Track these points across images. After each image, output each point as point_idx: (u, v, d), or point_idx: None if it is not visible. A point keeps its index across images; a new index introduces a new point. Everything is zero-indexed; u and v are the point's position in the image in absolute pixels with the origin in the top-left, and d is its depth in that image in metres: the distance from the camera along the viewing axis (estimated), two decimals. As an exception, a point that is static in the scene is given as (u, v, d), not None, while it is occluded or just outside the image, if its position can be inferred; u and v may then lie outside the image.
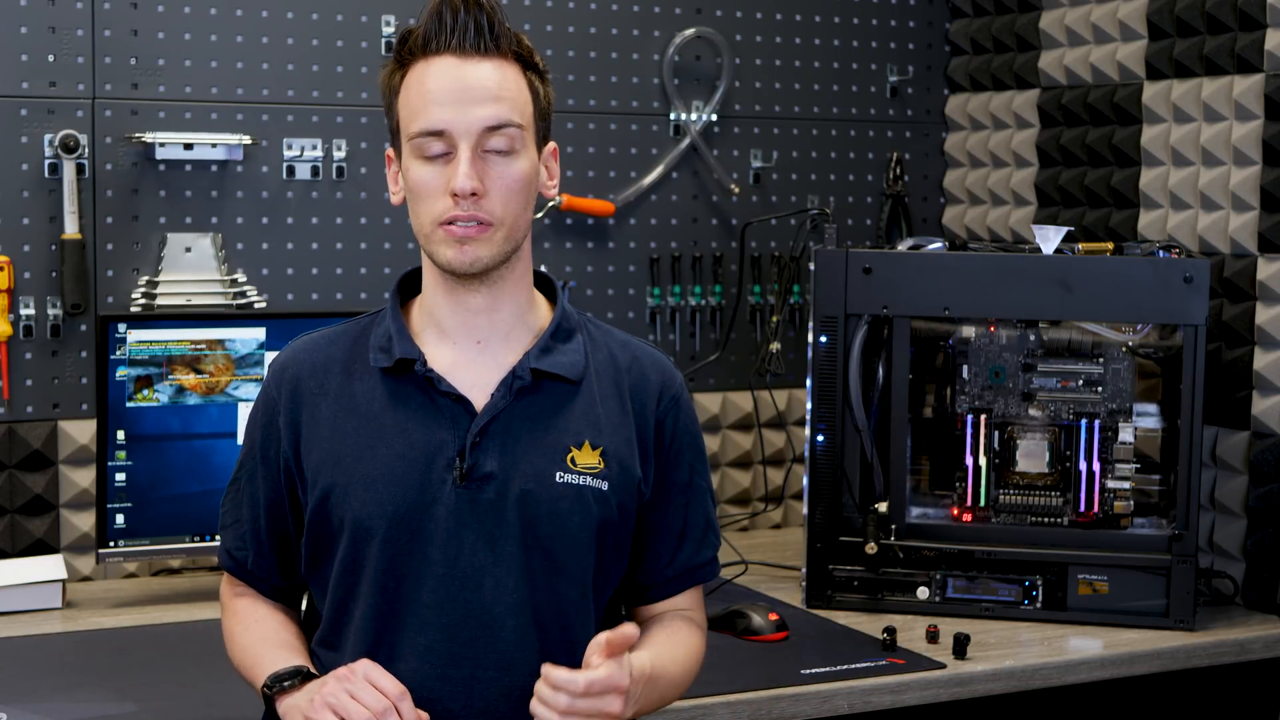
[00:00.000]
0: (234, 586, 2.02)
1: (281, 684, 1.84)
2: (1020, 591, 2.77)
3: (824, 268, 2.82)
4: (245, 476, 1.98)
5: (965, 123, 3.61)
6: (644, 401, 1.96)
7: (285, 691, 1.83)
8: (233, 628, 1.99)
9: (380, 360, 1.90)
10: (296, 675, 1.84)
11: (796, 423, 3.48)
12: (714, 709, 2.30)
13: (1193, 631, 2.70)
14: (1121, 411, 2.80)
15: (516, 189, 1.86)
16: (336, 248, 3.13)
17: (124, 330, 2.76)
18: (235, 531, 1.99)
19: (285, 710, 1.82)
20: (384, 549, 1.86)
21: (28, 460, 2.89)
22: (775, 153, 3.50)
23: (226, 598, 2.03)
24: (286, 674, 1.85)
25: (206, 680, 2.30)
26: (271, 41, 3.06)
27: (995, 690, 2.50)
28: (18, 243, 2.89)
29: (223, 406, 2.82)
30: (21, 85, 2.88)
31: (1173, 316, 2.72)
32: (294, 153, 3.08)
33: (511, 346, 1.92)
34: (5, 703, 2.22)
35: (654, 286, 3.41)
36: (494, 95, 1.84)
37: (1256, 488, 2.87)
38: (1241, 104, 2.90)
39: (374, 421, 1.89)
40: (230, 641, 1.99)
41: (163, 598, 2.83)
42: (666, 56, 3.38)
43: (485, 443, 1.87)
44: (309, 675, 1.85)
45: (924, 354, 2.88)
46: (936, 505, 2.87)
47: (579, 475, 1.89)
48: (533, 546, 1.87)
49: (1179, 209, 3.05)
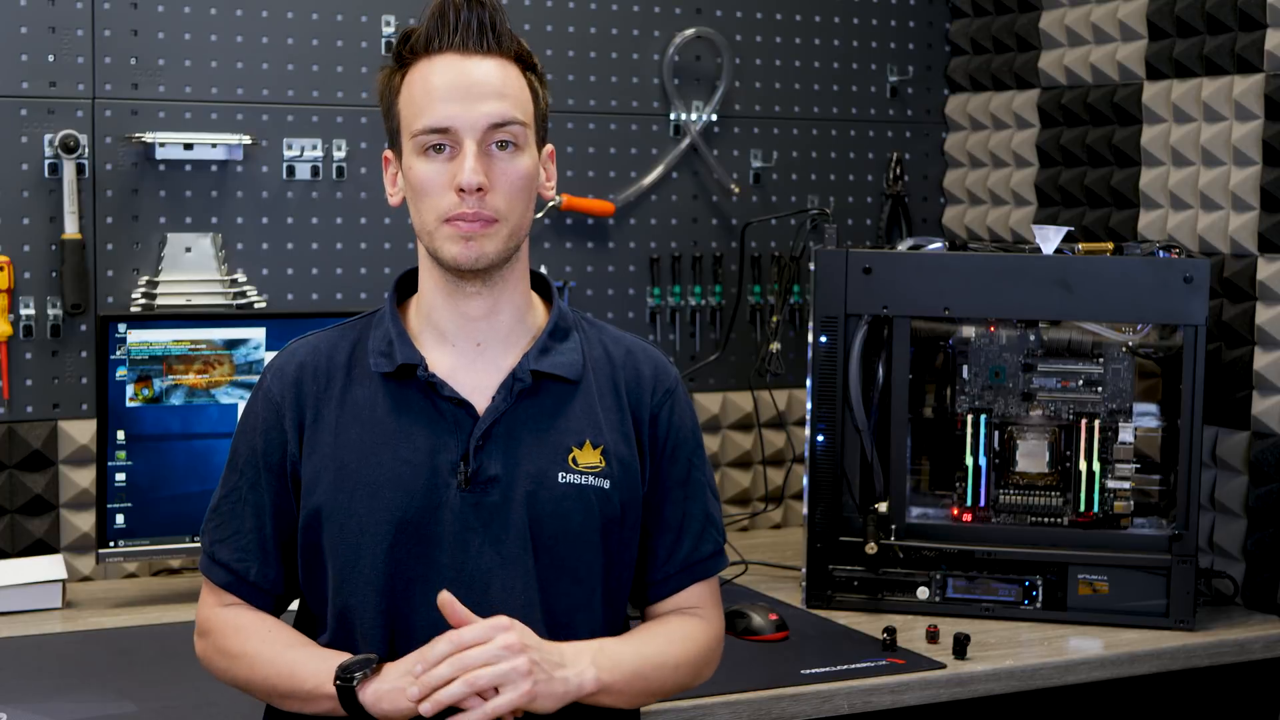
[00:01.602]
0: (222, 602, 1.94)
1: (357, 672, 1.77)
2: (1020, 591, 2.77)
3: (824, 268, 2.82)
4: (246, 485, 1.92)
5: (965, 123, 3.61)
6: (639, 396, 1.96)
7: (367, 679, 1.78)
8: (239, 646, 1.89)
9: (382, 365, 1.90)
10: (369, 664, 1.78)
11: (796, 423, 3.48)
12: (714, 709, 2.30)
13: (1193, 631, 2.70)
14: (1121, 411, 2.80)
15: (521, 185, 1.86)
16: (336, 248, 3.13)
17: (124, 330, 2.76)
18: (235, 544, 1.92)
19: (377, 696, 1.76)
20: (390, 555, 1.85)
21: (28, 460, 2.89)
22: (775, 153, 3.50)
23: (213, 616, 1.93)
24: (358, 663, 1.78)
25: (206, 680, 2.28)
26: (271, 41, 3.06)
27: (995, 690, 2.50)
28: (18, 243, 2.89)
29: (223, 406, 2.82)
30: (21, 85, 2.88)
31: (1173, 316, 2.72)
32: (294, 153, 3.08)
33: (510, 348, 1.92)
34: (5, 703, 2.22)
35: (654, 286, 3.41)
36: (498, 92, 1.84)
37: (1256, 488, 2.87)
38: (1241, 104, 2.90)
39: (377, 427, 1.88)
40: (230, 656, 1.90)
41: (163, 598, 2.83)
42: (666, 56, 3.38)
43: (488, 446, 1.87)
44: (383, 660, 1.80)
45: (924, 354, 2.88)
46: (936, 505, 2.87)
47: (581, 475, 1.89)
48: (538, 548, 1.86)
49: (1179, 209, 3.05)
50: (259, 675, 1.88)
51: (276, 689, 1.87)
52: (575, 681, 1.80)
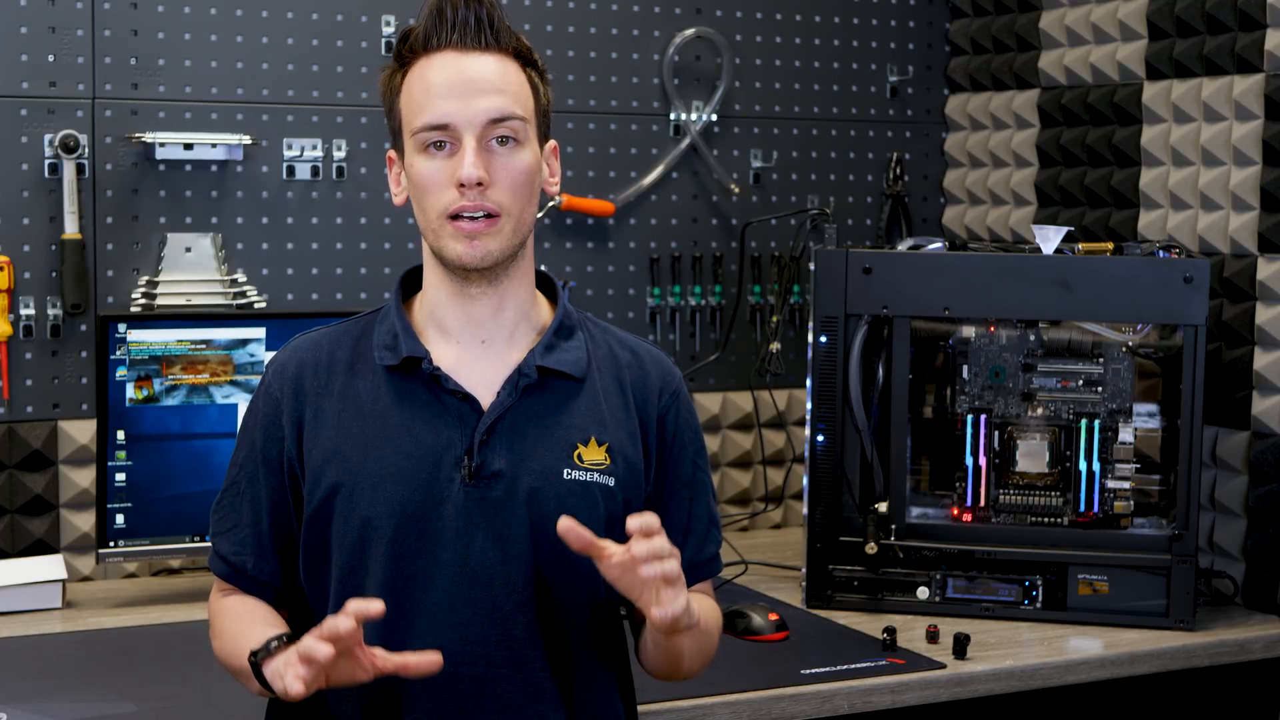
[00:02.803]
0: (224, 591, 1.97)
1: (268, 649, 1.78)
2: (1020, 591, 2.77)
3: (824, 268, 2.82)
4: (245, 479, 1.94)
5: (965, 123, 3.61)
6: (645, 397, 1.96)
7: (271, 655, 1.78)
8: (221, 625, 1.93)
9: (386, 358, 1.90)
10: (279, 639, 1.79)
11: (796, 423, 3.48)
12: (714, 709, 2.30)
13: (1193, 631, 2.70)
14: (1121, 411, 2.80)
15: (522, 179, 1.86)
16: (336, 248, 3.13)
17: (124, 330, 2.76)
18: (233, 537, 1.94)
19: (270, 675, 1.76)
20: (391, 548, 1.85)
21: (28, 460, 2.90)
22: (775, 153, 3.50)
23: (212, 603, 1.97)
24: (272, 639, 1.79)
25: (206, 680, 2.30)
26: (271, 41, 3.06)
27: (995, 690, 2.50)
28: (18, 243, 2.89)
29: (223, 406, 2.82)
30: (21, 85, 2.88)
31: (1173, 316, 2.72)
32: (294, 153, 3.08)
33: (515, 345, 1.92)
34: (5, 703, 2.22)
35: (654, 286, 3.41)
36: (496, 88, 1.84)
37: (1256, 488, 2.87)
38: (1241, 104, 2.90)
39: (380, 420, 1.88)
40: (217, 636, 1.93)
41: (163, 598, 2.83)
42: (666, 56, 3.38)
43: (493, 441, 1.87)
44: (293, 638, 1.78)
45: (924, 354, 2.88)
46: (936, 505, 2.87)
47: (586, 471, 1.89)
48: (542, 544, 1.86)
49: (1179, 209, 3.05)
50: (225, 650, 1.90)
51: (230, 665, 1.89)
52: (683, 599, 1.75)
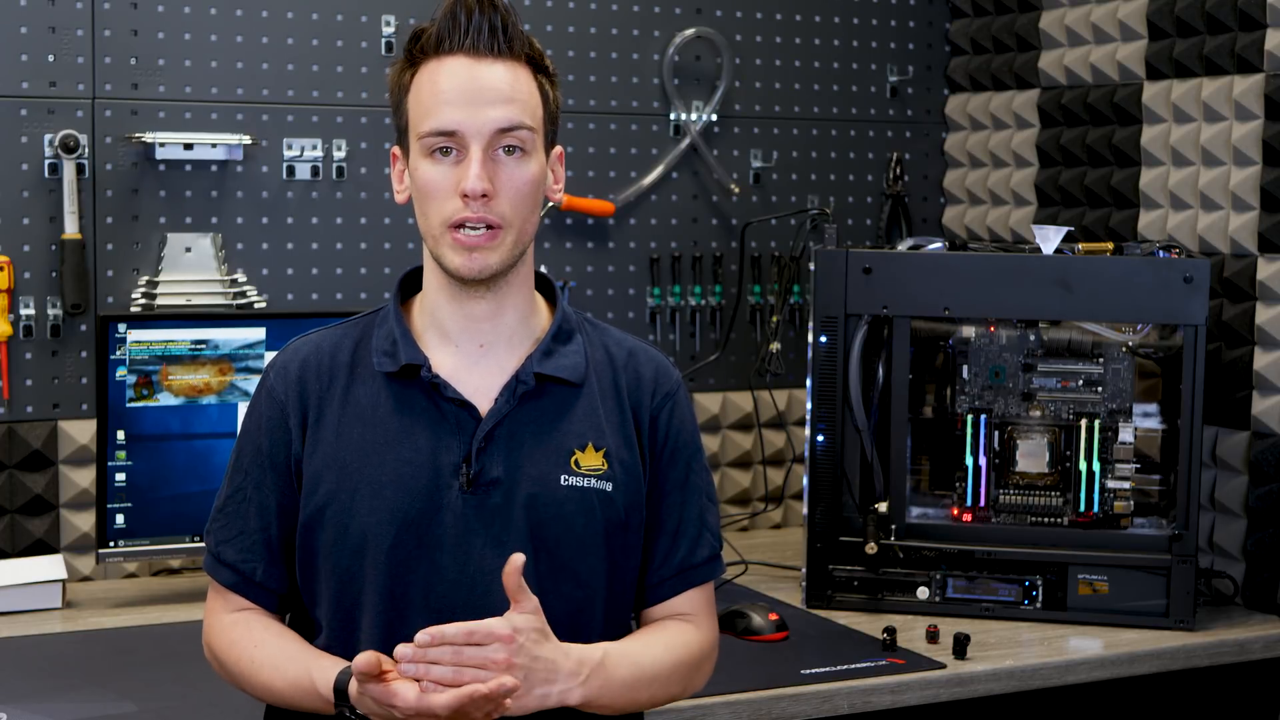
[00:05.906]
0: (229, 604, 1.93)
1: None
2: (1020, 591, 2.77)
3: (824, 268, 2.82)
4: (251, 485, 1.91)
5: (965, 123, 3.61)
6: (639, 398, 1.96)
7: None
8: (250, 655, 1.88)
9: (385, 365, 1.89)
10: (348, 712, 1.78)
11: (796, 423, 3.48)
12: (714, 709, 2.30)
13: (1193, 631, 2.70)
14: (1121, 411, 2.80)
15: (526, 191, 1.85)
16: (336, 248, 3.13)
17: (124, 330, 2.76)
18: (240, 544, 1.91)
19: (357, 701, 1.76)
20: (390, 556, 1.85)
21: (28, 460, 2.89)
22: (775, 153, 3.50)
23: (221, 620, 1.93)
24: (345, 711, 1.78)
25: (206, 680, 2.29)
26: (271, 41, 3.06)
27: (995, 690, 2.50)
28: (18, 243, 2.89)
29: (223, 406, 2.82)
30: (21, 85, 2.88)
31: (1173, 316, 2.72)
32: (294, 153, 3.08)
33: (514, 350, 1.92)
34: (5, 703, 2.22)
35: (654, 286, 3.41)
36: (507, 97, 1.83)
37: (1256, 488, 2.87)
38: (1241, 104, 2.90)
39: (380, 427, 1.88)
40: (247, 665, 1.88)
41: (163, 598, 2.83)
42: (666, 56, 3.38)
43: (490, 448, 1.86)
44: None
45: (924, 354, 2.88)
46: (936, 505, 2.87)
47: (583, 477, 1.88)
48: (540, 550, 1.86)
49: (1179, 209, 3.05)
50: (261, 681, 1.87)
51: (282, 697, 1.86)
52: (555, 699, 1.76)
